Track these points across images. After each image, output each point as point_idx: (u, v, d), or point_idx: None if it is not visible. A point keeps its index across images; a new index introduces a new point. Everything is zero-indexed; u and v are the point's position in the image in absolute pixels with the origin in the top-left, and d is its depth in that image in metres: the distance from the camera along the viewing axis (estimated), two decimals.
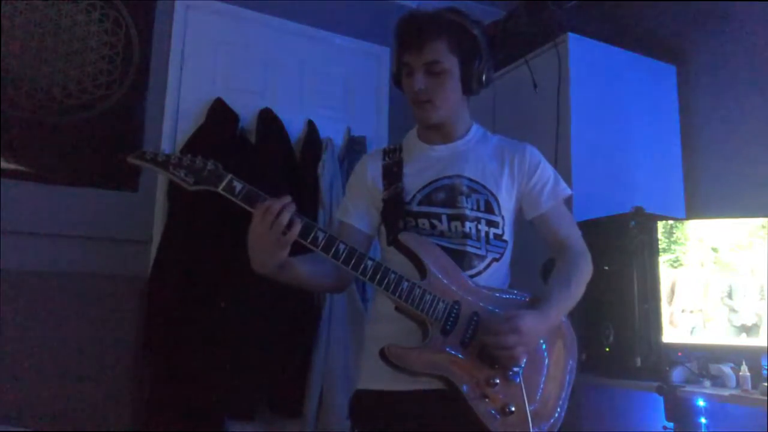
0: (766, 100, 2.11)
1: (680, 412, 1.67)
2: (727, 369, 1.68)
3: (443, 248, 1.38)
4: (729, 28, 2.24)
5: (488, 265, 1.42)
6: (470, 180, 1.44)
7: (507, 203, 1.46)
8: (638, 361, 1.77)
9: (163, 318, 2.22)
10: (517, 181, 1.48)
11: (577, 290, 1.42)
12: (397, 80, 1.49)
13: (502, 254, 1.46)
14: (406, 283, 1.28)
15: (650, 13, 2.50)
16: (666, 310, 1.77)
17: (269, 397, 2.35)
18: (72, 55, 2.35)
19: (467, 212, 1.41)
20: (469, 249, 1.40)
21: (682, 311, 1.75)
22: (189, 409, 2.18)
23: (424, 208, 1.41)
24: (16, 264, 2.13)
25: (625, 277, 1.84)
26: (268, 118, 2.56)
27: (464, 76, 1.42)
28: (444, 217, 1.40)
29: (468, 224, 1.40)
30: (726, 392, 1.60)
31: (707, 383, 1.69)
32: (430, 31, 1.38)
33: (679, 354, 1.77)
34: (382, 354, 1.24)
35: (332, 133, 2.70)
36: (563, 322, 1.42)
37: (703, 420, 1.70)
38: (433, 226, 1.40)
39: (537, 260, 2.06)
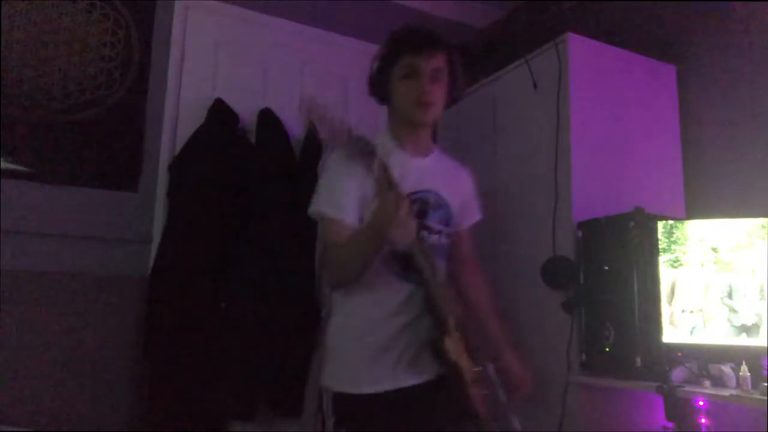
0: (766, 100, 2.11)
1: (680, 412, 1.67)
2: (727, 369, 1.67)
3: None
4: (729, 28, 2.24)
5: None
6: (437, 195, 1.60)
7: (455, 217, 1.66)
8: (638, 361, 1.77)
9: (163, 318, 2.22)
10: (460, 198, 1.68)
11: None
12: (376, 82, 1.63)
13: (447, 261, 1.65)
14: None
15: (650, 13, 2.50)
16: (666, 310, 1.77)
17: (269, 397, 2.35)
18: (72, 55, 2.35)
19: (434, 225, 1.57)
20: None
21: (682, 311, 1.75)
22: (189, 409, 2.18)
23: None
24: (16, 264, 2.13)
25: (625, 277, 1.84)
26: (268, 118, 2.56)
27: (450, 89, 1.60)
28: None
29: (433, 236, 1.57)
30: (726, 392, 1.60)
31: (707, 383, 1.69)
32: (440, 42, 1.56)
33: (679, 354, 1.77)
34: (436, 348, 1.43)
35: None
36: None
37: (703, 420, 1.70)
38: None
39: (537, 260, 2.06)
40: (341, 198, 1.50)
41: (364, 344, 1.48)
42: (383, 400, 1.43)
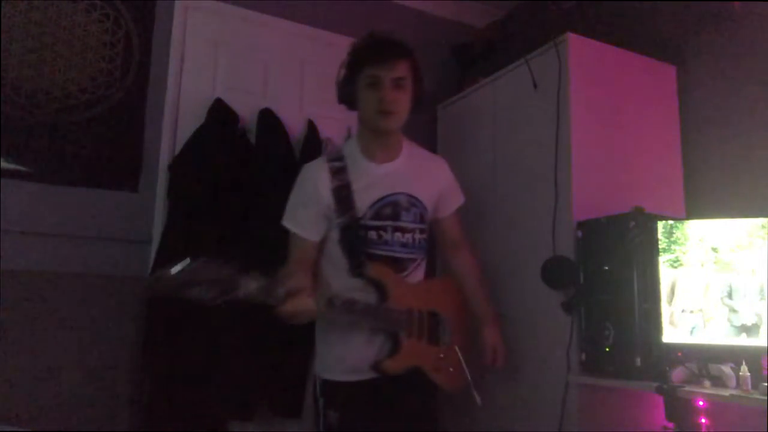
0: (766, 100, 2.11)
1: (680, 412, 1.67)
2: (727, 369, 1.67)
3: (385, 257, 1.67)
4: (729, 28, 2.24)
5: (417, 266, 1.76)
6: (409, 196, 1.72)
7: (430, 211, 1.80)
8: (638, 361, 1.77)
9: (163, 318, 2.22)
10: (435, 190, 1.80)
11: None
12: (343, 90, 1.72)
13: (425, 253, 1.78)
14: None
15: (650, 13, 2.50)
16: (666, 310, 1.77)
17: (269, 397, 2.35)
18: (72, 55, 2.35)
19: (408, 224, 1.71)
20: (405, 255, 1.71)
21: (682, 311, 1.75)
22: (189, 409, 2.18)
23: (375, 222, 1.68)
24: (16, 264, 2.13)
25: (625, 277, 1.84)
26: (268, 118, 2.56)
27: (415, 94, 1.69)
28: (389, 229, 1.68)
29: (407, 235, 1.70)
30: (726, 392, 1.60)
31: (707, 383, 1.69)
32: (400, 51, 1.65)
33: (679, 354, 1.77)
34: (378, 369, 1.63)
35: (332, 133, 2.70)
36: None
37: (703, 420, 1.70)
38: (380, 236, 1.67)
39: (537, 260, 2.06)
40: (303, 215, 1.69)
41: (343, 341, 1.68)
42: (362, 387, 1.65)
